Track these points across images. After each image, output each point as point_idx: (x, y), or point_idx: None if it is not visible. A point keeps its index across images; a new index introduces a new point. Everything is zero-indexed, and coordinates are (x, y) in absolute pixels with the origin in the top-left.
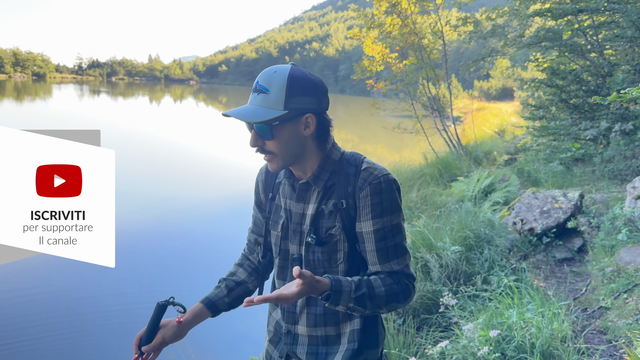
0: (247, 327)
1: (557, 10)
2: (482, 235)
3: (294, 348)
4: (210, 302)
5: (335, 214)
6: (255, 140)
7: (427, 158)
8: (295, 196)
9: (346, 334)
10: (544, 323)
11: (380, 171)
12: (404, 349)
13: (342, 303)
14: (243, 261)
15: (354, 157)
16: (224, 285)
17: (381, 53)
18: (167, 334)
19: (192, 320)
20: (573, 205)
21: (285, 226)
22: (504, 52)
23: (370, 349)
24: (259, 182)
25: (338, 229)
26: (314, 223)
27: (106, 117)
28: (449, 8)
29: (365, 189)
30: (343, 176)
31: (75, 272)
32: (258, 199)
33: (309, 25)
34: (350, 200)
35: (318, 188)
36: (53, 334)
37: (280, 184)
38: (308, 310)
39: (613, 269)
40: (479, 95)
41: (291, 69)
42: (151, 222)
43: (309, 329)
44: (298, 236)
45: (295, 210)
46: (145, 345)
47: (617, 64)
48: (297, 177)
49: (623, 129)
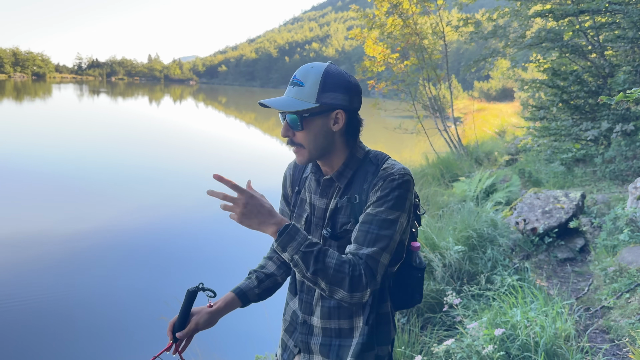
0: (253, 325)
1: (558, 11)
2: (484, 235)
3: (308, 339)
4: (241, 292)
5: (348, 208)
6: (285, 130)
7: (428, 158)
8: (319, 191)
9: (359, 327)
10: (548, 322)
11: (398, 170)
12: (408, 348)
13: (289, 250)
14: (272, 254)
15: (378, 156)
16: (254, 277)
17: (382, 53)
18: (200, 320)
19: (224, 308)
20: (575, 205)
21: (309, 220)
22: (504, 52)
23: (381, 345)
24: (287, 177)
25: (352, 225)
26: (332, 218)
27: (107, 116)
28: (449, 9)
29: (379, 184)
30: (362, 173)
31: (69, 272)
32: (285, 192)
33: (309, 26)
34: (363, 195)
35: (341, 185)
36: (49, 334)
37: (306, 179)
38: (322, 303)
39: (615, 268)
40: (479, 96)
41: (328, 66)
42: (151, 223)
43: (323, 321)
44: (319, 230)
45: (319, 205)
46: (178, 331)
47: (618, 64)
48: (324, 172)
49: (624, 130)
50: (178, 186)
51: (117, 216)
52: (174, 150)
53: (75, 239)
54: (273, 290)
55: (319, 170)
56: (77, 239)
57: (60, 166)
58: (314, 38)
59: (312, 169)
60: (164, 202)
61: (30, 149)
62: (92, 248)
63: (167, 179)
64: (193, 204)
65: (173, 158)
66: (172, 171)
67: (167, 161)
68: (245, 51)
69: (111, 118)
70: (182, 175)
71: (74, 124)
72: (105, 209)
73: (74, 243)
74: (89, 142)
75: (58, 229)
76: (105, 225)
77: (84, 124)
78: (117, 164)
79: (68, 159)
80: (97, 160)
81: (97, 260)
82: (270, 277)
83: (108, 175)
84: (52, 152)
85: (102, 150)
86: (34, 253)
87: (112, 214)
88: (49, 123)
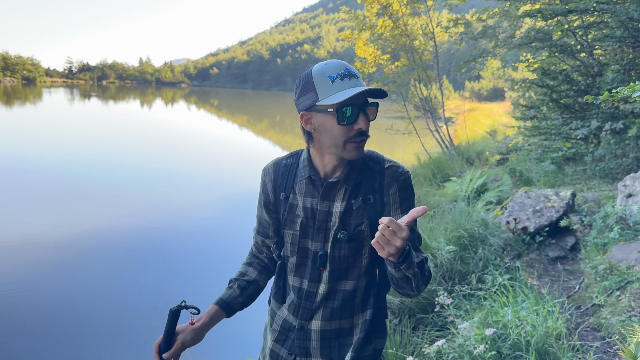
0: (244, 329)
1: (546, 11)
2: (476, 235)
3: (307, 344)
4: (224, 303)
5: (364, 209)
6: (367, 122)
7: (419, 159)
8: (319, 194)
9: (358, 325)
10: (539, 321)
11: (403, 168)
12: (400, 349)
13: (412, 266)
14: (252, 260)
15: (375, 155)
16: (236, 286)
17: (373, 55)
18: (186, 339)
19: (209, 322)
20: (565, 204)
21: (305, 224)
22: (494, 52)
23: (378, 338)
24: (267, 183)
25: (366, 226)
26: (343, 220)
27: (101, 119)
28: (439, 10)
29: (394, 186)
30: (369, 173)
31: (67, 274)
32: (267, 199)
33: (300, 27)
34: (377, 195)
35: (348, 186)
36: (47, 335)
37: (296, 183)
38: (325, 305)
39: (606, 266)
40: (470, 96)
41: None
42: (150, 224)
43: (323, 323)
44: (322, 233)
45: (320, 208)
46: (164, 352)
47: (607, 63)
48: (325, 175)
49: (613, 128)
50: (174, 189)
51: (111, 219)
52: (165, 154)
53: (68, 243)
54: (256, 295)
55: (318, 174)
56: (71, 243)
57: (50, 169)
58: (305, 39)
59: (309, 172)
60: (157, 205)
61: (22, 152)
62: (85, 252)
63: (162, 182)
64: (188, 207)
65: (165, 162)
66: (165, 175)
67: (160, 165)
68: (236, 53)
69: (102, 121)
70: (177, 178)
71: (66, 126)
72: (98, 212)
73: (68, 247)
74: (81, 145)
75: (51, 233)
76: (98, 229)
77: (76, 126)
78: (109, 168)
79: (59, 163)
80: (88, 164)
81: (90, 263)
82: (253, 284)
83: (101, 179)
84: (43, 155)
85: (93, 154)
86: (29, 258)
87: (106, 217)
88: (40, 126)
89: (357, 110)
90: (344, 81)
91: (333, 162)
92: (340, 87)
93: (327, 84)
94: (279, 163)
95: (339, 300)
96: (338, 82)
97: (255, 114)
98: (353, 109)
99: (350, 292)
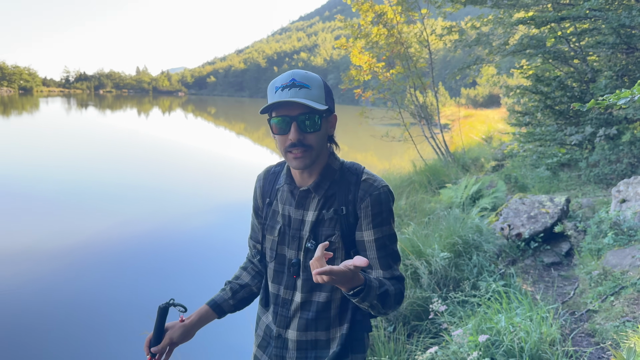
0: (236, 337)
1: (540, 18)
2: (470, 242)
3: (283, 353)
4: (215, 304)
5: (335, 220)
6: (299, 131)
7: (415, 165)
8: (294, 203)
9: (335, 339)
10: (533, 327)
11: (379, 182)
12: (394, 356)
13: (369, 299)
14: (247, 265)
15: (354, 167)
16: (228, 288)
17: (368, 62)
18: (174, 335)
19: (198, 321)
20: (560, 210)
21: (282, 231)
22: (489, 59)
23: (355, 353)
24: (257, 189)
25: (337, 237)
26: (314, 230)
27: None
28: (434, 17)
29: (367, 200)
30: (344, 184)
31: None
32: (256, 204)
33: (297, 36)
34: (350, 207)
35: (318, 196)
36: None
37: (278, 190)
38: (301, 315)
39: (600, 272)
40: (465, 103)
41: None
42: (145, 233)
43: (299, 334)
44: (296, 242)
45: (295, 216)
46: (154, 347)
47: (600, 70)
48: (298, 183)
49: (607, 134)
50: (169, 197)
51: (105, 228)
52: (160, 162)
53: (63, 253)
54: (249, 300)
55: (293, 182)
56: (65, 253)
57: (45, 179)
58: (302, 48)
59: (286, 180)
60: (152, 214)
61: (18, 162)
62: (79, 262)
63: (158, 190)
64: (183, 215)
65: (162, 170)
66: (160, 184)
67: (155, 174)
68: (233, 62)
69: (97, 130)
70: (172, 186)
71: (60, 136)
72: (93, 221)
73: (63, 256)
74: (74, 154)
75: (45, 243)
76: (92, 238)
77: (71, 135)
78: (104, 177)
79: (54, 173)
80: (82, 173)
81: (84, 273)
82: (245, 288)
83: (95, 188)
84: (39, 165)
85: (87, 163)
86: (24, 267)
87: (100, 226)
88: (34, 135)
89: (288, 120)
90: (284, 92)
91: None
92: (277, 98)
93: (272, 94)
94: (269, 170)
95: (312, 311)
96: (278, 93)
97: (252, 122)
98: (284, 119)
99: (324, 304)
